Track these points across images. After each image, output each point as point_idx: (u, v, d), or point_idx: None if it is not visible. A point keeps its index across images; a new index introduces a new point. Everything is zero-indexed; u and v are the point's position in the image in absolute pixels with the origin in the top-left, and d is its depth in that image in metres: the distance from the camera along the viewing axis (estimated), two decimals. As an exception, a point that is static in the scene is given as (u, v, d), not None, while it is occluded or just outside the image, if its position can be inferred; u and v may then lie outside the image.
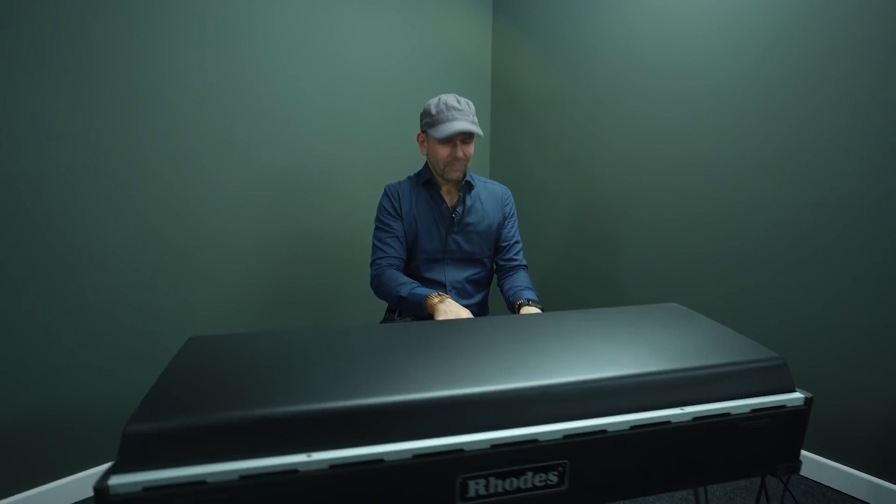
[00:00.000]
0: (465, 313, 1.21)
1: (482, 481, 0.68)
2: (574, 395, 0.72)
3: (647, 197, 2.03)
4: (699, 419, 0.76)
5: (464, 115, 1.34)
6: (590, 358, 0.81)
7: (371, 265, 1.46)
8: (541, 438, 0.69)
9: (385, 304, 1.61)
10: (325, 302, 2.10)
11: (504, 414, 0.69)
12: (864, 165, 1.49)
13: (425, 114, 1.40)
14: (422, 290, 1.32)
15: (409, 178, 1.52)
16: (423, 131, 1.42)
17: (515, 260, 1.53)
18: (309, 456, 0.61)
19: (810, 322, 1.64)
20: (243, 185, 1.77)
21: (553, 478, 0.71)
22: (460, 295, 1.49)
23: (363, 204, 2.14)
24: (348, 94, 2.01)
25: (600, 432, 0.71)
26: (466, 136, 1.37)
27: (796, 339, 1.67)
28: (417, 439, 0.65)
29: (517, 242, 1.55)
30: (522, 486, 0.70)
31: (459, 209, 1.46)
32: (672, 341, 0.89)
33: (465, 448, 0.66)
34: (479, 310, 1.53)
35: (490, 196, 1.52)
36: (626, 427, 0.72)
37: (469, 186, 1.48)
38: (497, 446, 0.67)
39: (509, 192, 1.56)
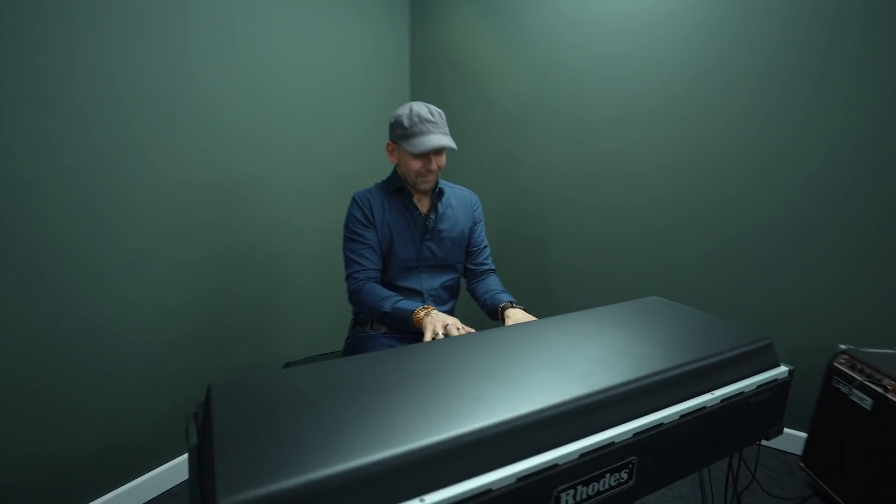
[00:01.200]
0: (452, 321, 1.20)
1: (571, 491, 0.69)
2: (636, 395, 0.77)
3: (570, 198, 2.20)
4: (725, 400, 0.86)
5: (437, 128, 1.32)
6: (631, 358, 0.86)
7: (347, 279, 1.37)
8: (617, 440, 0.72)
9: (350, 319, 1.52)
10: (260, 317, 1.92)
11: (585, 422, 0.71)
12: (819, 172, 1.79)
13: (397, 125, 1.34)
14: (406, 305, 1.28)
15: (377, 185, 1.46)
16: (395, 141, 1.37)
17: (486, 264, 1.56)
18: (422, 500, 0.57)
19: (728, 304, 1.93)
20: (162, 197, 1.54)
21: (624, 475, 0.75)
22: (436, 302, 1.47)
23: (294, 212, 2.00)
24: (268, 95, 1.85)
25: (658, 425, 0.77)
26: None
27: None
28: (515, 462, 0.65)
29: (486, 247, 1.57)
30: (601, 489, 0.72)
31: (433, 216, 1.44)
32: (682, 333, 0.99)
33: (559, 462, 0.67)
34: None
35: (460, 202, 1.52)
36: (677, 417, 0.79)
37: (441, 193, 1.46)
38: (584, 455, 0.69)
39: (477, 197, 1.57)
